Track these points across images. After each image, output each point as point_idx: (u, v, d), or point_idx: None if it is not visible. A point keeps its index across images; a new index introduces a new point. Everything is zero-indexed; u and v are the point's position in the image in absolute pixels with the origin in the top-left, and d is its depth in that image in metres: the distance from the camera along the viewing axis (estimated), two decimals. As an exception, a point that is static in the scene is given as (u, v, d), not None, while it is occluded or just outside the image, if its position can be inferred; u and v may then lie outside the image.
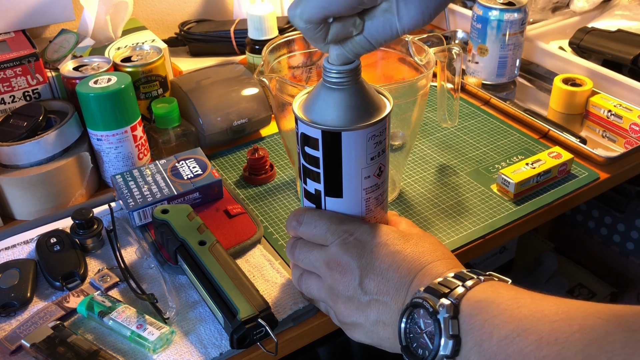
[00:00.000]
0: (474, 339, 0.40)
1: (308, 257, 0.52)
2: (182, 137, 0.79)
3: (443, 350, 0.41)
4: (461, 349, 0.41)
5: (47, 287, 0.61)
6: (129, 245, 0.66)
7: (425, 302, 0.43)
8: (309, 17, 0.41)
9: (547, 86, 0.97)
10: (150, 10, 1.07)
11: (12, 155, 0.69)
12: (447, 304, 0.42)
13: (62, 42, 0.83)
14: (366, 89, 0.48)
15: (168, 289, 0.60)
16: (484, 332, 0.40)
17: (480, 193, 0.75)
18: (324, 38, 0.43)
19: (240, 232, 0.66)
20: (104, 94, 0.69)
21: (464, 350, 0.41)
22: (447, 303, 0.42)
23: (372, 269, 0.48)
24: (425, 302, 0.43)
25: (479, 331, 0.40)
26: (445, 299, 0.42)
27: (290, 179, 0.78)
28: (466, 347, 0.41)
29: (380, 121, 0.47)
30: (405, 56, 0.72)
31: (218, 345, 0.54)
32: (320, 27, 0.42)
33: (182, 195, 0.68)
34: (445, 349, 0.41)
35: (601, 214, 1.26)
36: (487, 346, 0.39)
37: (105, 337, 0.56)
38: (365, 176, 0.49)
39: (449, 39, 1.12)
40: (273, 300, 0.59)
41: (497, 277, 0.46)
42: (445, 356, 0.41)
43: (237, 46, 0.98)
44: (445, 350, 0.41)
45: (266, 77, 0.63)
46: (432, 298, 0.43)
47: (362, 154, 0.48)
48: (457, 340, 0.41)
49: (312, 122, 0.47)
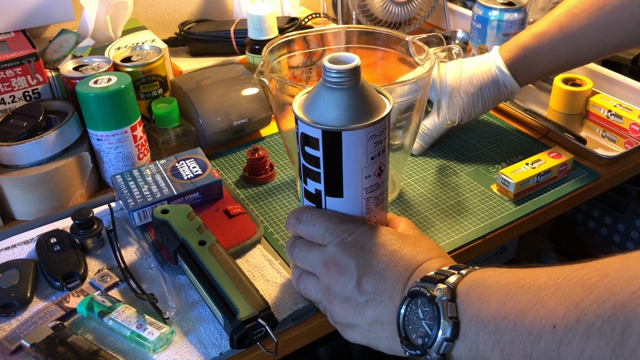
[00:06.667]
0: (471, 312, 0.41)
1: (306, 257, 0.52)
2: (182, 137, 0.79)
3: (443, 333, 0.41)
4: (460, 328, 0.41)
5: (47, 287, 0.61)
6: (129, 245, 0.66)
7: (422, 289, 0.43)
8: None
9: (547, 86, 0.97)
10: (150, 10, 1.07)
11: (12, 155, 0.69)
12: (444, 288, 0.43)
13: (62, 42, 0.83)
14: (366, 88, 0.48)
15: (168, 289, 0.60)
16: (481, 302, 0.41)
17: (480, 193, 0.75)
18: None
19: (240, 232, 0.66)
20: (104, 94, 0.69)
21: (462, 326, 0.41)
22: (443, 287, 0.43)
23: (370, 269, 0.48)
24: (423, 289, 0.43)
25: (476, 303, 0.41)
26: (442, 284, 0.43)
27: (290, 179, 0.78)
28: (464, 324, 0.41)
29: (380, 121, 0.47)
30: (405, 56, 0.72)
31: (218, 345, 0.55)
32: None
33: (182, 195, 0.68)
34: (445, 332, 0.41)
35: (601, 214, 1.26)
36: (485, 313, 0.40)
37: (105, 337, 0.56)
38: (366, 176, 0.49)
39: (449, 39, 1.12)
40: (273, 300, 0.59)
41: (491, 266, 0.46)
42: (445, 339, 0.41)
43: (237, 46, 0.98)
44: (445, 333, 0.41)
45: (266, 77, 0.63)
46: (429, 285, 0.44)
47: (363, 154, 0.48)
48: (455, 322, 0.41)
49: (313, 122, 0.47)
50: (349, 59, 0.48)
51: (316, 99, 0.48)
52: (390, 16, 1.07)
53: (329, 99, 0.47)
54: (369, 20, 1.07)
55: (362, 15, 1.06)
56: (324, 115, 0.47)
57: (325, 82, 0.47)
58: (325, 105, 0.47)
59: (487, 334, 0.39)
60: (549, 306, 0.36)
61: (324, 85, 0.48)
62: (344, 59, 0.48)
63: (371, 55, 0.75)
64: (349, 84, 0.47)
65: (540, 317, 0.36)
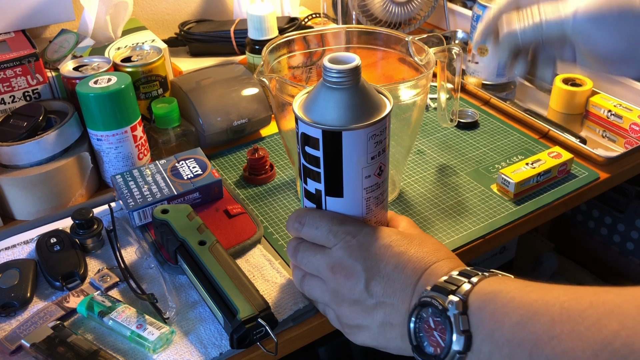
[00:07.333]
0: (485, 330, 0.41)
1: (311, 261, 0.52)
2: (182, 137, 0.79)
3: (455, 346, 0.41)
4: (473, 343, 0.41)
5: (47, 287, 0.61)
6: (129, 245, 0.66)
7: (433, 301, 0.43)
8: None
9: (547, 86, 0.97)
10: (150, 10, 1.07)
11: (12, 155, 0.69)
12: (456, 301, 0.42)
13: (62, 42, 0.83)
14: (366, 88, 0.48)
15: (168, 289, 0.60)
16: (494, 321, 0.40)
17: (480, 193, 0.75)
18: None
19: (240, 232, 0.66)
20: (104, 94, 0.69)
21: (475, 343, 0.41)
22: (455, 300, 0.42)
23: (378, 271, 0.48)
24: (434, 301, 0.43)
25: (490, 322, 0.41)
26: (453, 295, 0.43)
27: (290, 179, 0.78)
28: (478, 340, 0.41)
29: (380, 120, 0.47)
30: (405, 56, 0.72)
31: (218, 345, 0.54)
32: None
33: (182, 195, 0.68)
34: (458, 345, 0.41)
35: (601, 214, 1.26)
36: (499, 334, 0.40)
37: (105, 337, 0.56)
38: (366, 175, 0.49)
39: (449, 39, 1.12)
40: (273, 300, 0.59)
41: (501, 273, 0.46)
42: (458, 352, 0.41)
43: (237, 46, 0.98)
44: (457, 346, 0.41)
45: (266, 77, 0.63)
46: (440, 296, 0.43)
47: (363, 154, 0.48)
48: (468, 336, 0.41)
49: (313, 122, 0.47)
50: (349, 58, 0.48)
51: (316, 99, 0.48)
52: (390, 16, 1.07)
53: (329, 99, 0.47)
54: (369, 20, 1.07)
55: (362, 15, 1.06)
56: (324, 115, 0.47)
57: (326, 82, 0.47)
58: (325, 105, 0.47)
59: (502, 356, 0.39)
60: (565, 345, 0.36)
61: (324, 85, 0.48)
62: (344, 59, 0.48)
63: (371, 55, 0.75)
64: (349, 83, 0.47)
65: (557, 355, 0.36)
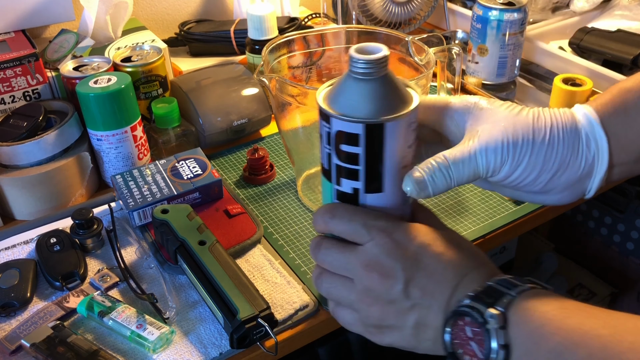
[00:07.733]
0: (522, 348, 0.41)
1: (337, 259, 0.48)
2: (182, 137, 0.79)
3: (494, 358, 0.42)
4: (510, 358, 0.41)
5: (47, 287, 0.61)
6: (129, 245, 0.66)
7: (472, 312, 0.43)
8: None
9: (547, 86, 0.97)
10: (150, 10, 1.07)
11: (12, 155, 0.69)
12: (497, 314, 0.42)
13: (62, 42, 0.83)
14: (394, 76, 0.47)
15: (168, 289, 0.60)
16: (532, 342, 0.41)
17: (480, 193, 0.75)
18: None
19: (240, 232, 0.66)
20: (104, 94, 0.69)
21: (513, 357, 0.41)
22: (496, 313, 0.42)
23: (417, 272, 0.47)
24: (473, 312, 0.43)
25: (527, 341, 0.41)
26: (493, 308, 0.42)
27: (290, 179, 0.78)
28: (515, 356, 0.41)
29: (417, 106, 0.47)
30: (405, 56, 0.72)
31: (218, 345, 0.54)
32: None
33: (182, 195, 0.68)
34: (497, 358, 0.41)
35: (601, 214, 1.26)
36: (535, 357, 0.40)
37: (105, 337, 0.56)
38: (404, 165, 0.49)
39: (449, 39, 1.12)
40: (273, 300, 0.59)
41: (539, 284, 0.46)
42: None
43: (237, 46, 0.98)
44: (497, 359, 0.42)
45: (266, 77, 0.63)
46: (479, 306, 0.43)
47: (403, 143, 0.47)
48: (507, 351, 0.41)
49: (353, 118, 0.46)
50: (375, 48, 0.47)
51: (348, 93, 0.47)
52: (390, 16, 1.07)
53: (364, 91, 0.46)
54: (368, 20, 1.07)
55: (362, 15, 1.06)
56: (360, 109, 0.46)
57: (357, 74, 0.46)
58: (360, 99, 0.46)
59: None
60: None
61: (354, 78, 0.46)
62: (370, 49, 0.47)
63: (371, 55, 0.75)
64: (382, 72, 0.46)
65: None
